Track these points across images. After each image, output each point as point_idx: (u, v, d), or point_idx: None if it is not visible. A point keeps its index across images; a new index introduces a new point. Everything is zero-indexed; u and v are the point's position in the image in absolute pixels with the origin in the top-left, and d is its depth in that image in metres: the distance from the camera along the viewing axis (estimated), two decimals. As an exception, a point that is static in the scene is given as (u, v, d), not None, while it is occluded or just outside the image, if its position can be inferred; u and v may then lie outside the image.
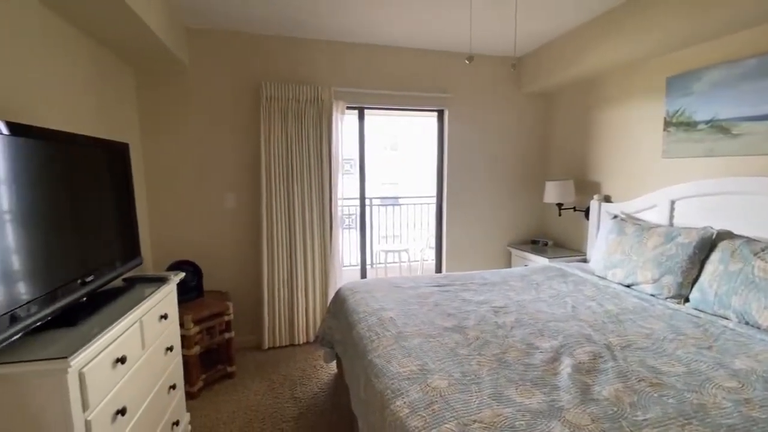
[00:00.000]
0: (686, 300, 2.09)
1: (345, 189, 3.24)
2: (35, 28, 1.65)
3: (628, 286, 2.35)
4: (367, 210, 4.70)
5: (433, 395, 1.28)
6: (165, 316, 1.76)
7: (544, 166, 3.79)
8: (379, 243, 5.59)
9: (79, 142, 1.53)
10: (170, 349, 1.81)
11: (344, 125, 3.15)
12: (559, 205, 3.34)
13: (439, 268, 3.77)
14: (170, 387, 1.78)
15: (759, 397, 1.25)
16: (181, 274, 1.99)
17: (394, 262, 5.05)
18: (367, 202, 3.75)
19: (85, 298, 1.42)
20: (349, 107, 3.20)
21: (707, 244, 2.08)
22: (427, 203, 5.49)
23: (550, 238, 3.67)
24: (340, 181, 3.16)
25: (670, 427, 1.11)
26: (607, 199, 3.06)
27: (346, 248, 4.50)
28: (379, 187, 7.58)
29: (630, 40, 2.44)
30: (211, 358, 2.64)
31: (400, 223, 5.75)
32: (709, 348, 1.59)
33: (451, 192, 3.58)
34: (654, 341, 1.66)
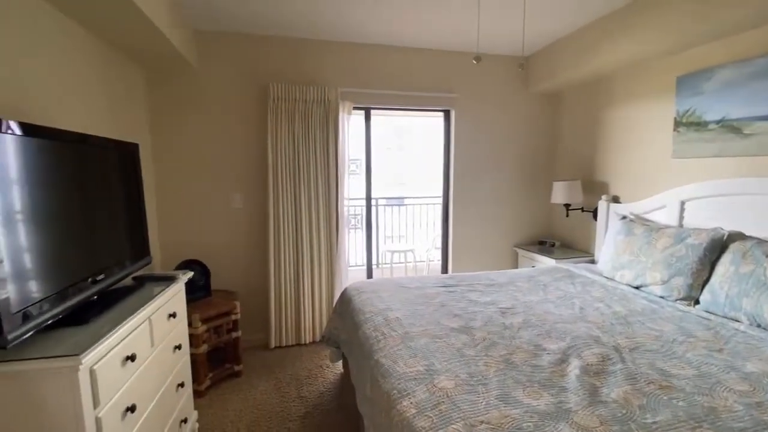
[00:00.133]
0: (696, 302, 2.06)
1: (351, 189, 3.25)
2: (47, 31, 1.67)
3: (637, 288, 2.32)
4: (373, 210, 4.70)
5: (440, 396, 1.28)
6: (173, 315, 1.78)
7: (552, 166, 3.77)
8: (385, 243, 5.59)
9: (90, 143, 1.55)
10: (178, 347, 1.83)
11: (351, 126, 3.15)
12: (567, 206, 3.31)
13: (445, 269, 3.76)
14: (178, 385, 1.80)
15: (771, 401, 1.23)
16: (190, 273, 2.00)
17: (399, 263, 5.05)
18: (373, 202, 3.76)
19: (95, 297, 1.44)
20: (355, 108, 3.21)
21: (718, 246, 2.05)
22: (433, 203, 5.49)
23: (558, 239, 3.65)
24: (346, 182, 3.16)
25: (680, 431, 1.10)
26: (615, 200, 3.04)
27: (352, 248, 4.51)
28: (384, 187, 7.57)
29: (639, 39, 2.41)
30: (218, 356, 2.66)
31: (406, 224, 5.75)
32: (720, 351, 1.57)
33: (458, 192, 3.57)
34: (663, 343, 1.64)
